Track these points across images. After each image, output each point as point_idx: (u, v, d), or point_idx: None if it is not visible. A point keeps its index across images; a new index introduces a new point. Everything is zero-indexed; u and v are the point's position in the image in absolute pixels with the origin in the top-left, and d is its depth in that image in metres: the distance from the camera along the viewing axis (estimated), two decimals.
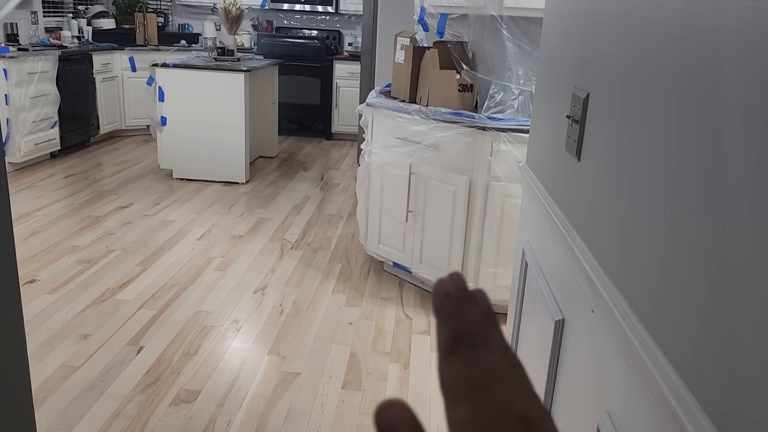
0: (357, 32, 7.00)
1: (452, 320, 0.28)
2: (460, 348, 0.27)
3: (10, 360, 1.26)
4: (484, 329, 0.29)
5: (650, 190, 0.78)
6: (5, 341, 1.24)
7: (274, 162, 5.65)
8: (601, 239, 0.98)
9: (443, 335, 0.28)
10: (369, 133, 3.15)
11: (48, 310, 2.71)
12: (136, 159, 5.46)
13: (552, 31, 1.48)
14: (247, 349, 2.50)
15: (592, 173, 1.04)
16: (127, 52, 6.11)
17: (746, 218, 0.56)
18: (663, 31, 0.77)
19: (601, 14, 1.06)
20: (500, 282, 2.77)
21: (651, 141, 0.79)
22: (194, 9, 7.04)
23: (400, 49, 3.12)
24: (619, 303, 0.85)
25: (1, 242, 1.18)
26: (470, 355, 0.27)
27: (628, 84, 0.89)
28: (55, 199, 4.22)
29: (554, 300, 1.25)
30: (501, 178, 2.64)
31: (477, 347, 0.27)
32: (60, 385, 2.19)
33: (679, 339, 0.68)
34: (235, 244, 3.59)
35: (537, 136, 1.56)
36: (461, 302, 0.30)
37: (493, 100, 2.78)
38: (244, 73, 4.61)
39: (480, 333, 0.28)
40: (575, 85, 1.19)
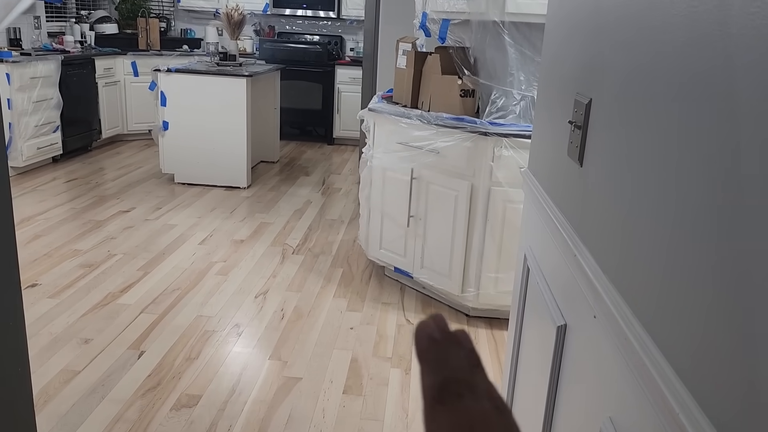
0: (359, 37, 7.02)
1: (437, 367, 0.27)
2: (446, 397, 0.26)
3: (12, 364, 1.26)
4: (469, 374, 0.28)
5: (652, 195, 0.78)
6: (7, 346, 1.24)
7: (276, 167, 5.66)
8: (603, 244, 0.98)
9: (428, 383, 0.27)
10: (371, 138, 3.16)
11: (49, 314, 2.71)
12: (137, 163, 5.46)
13: (554, 37, 1.48)
14: (248, 353, 2.50)
15: (594, 179, 1.04)
16: (129, 56, 6.13)
17: (748, 223, 0.56)
18: (665, 37, 0.78)
19: (603, 20, 1.06)
20: (502, 287, 2.77)
21: (653, 147, 0.79)
22: (197, 14, 7.06)
23: (401, 54, 3.12)
24: (621, 308, 0.85)
25: (3, 247, 1.19)
26: (456, 405, 0.26)
27: (631, 90, 0.89)
28: (56, 203, 4.22)
29: (556, 305, 1.25)
30: (502, 183, 2.65)
31: (463, 395, 0.26)
32: (61, 389, 2.18)
33: (681, 344, 0.68)
34: (236, 249, 3.59)
35: (539, 141, 1.57)
36: (445, 345, 0.29)
37: (495, 105, 2.78)
38: (246, 78, 4.63)
39: (465, 379, 0.28)
40: (577, 90, 1.19)
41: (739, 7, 0.60)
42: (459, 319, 2.89)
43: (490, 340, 2.72)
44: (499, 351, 2.63)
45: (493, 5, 2.65)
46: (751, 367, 0.54)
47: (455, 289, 2.85)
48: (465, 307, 2.93)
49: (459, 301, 2.90)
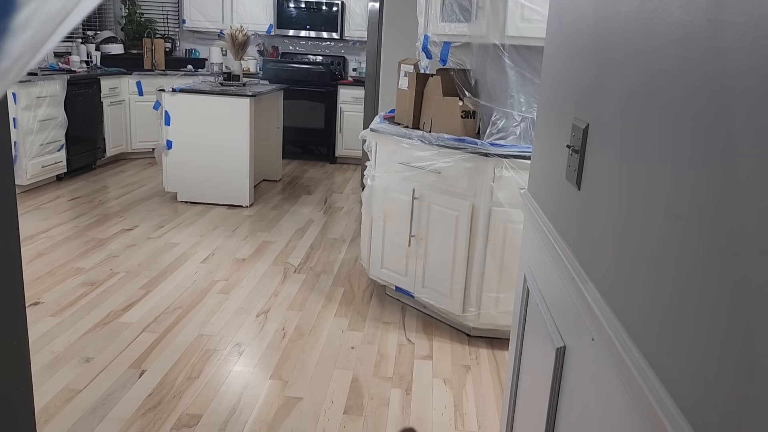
0: (361, 58, 7.09)
1: None
2: None
3: (15, 383, 1.27)
4: None
5: (648, 220, 0.80)
6: (10, 365, 1.25)
7: (278, 185, 5.69)
8: (600, 268, 0.99)
9: None
10: (373, 157, 3.18)
11: (51, 332, 2.71)
12: (141, 182, 5.50)
13: (552, 61, 1.51)
14: (249, 373, 2.50)
15: (592, 202, 1.06)
16: (134, 76, 6.20)
17: (747, 248, 0.57)
18: (661, 64, 0.80)
19: (599, 46, 1.08)
20: (502, 307, 2.77)
21: (649, 172, 0.81)
22: (201, 35, 7.15)
23: (403, 75, 3.16)
24: (618, 332, 0.86)
25: (9, 267, 1.20)
26: None
27: (627, 115, 0.91)
28: (60, 221, 4.25)
29: (555, 327, 1.26)
30: (503, 203, 2.66)
31: None
32: (62, 408, 2.18)
33: (678, 368, 0.69)
34: (238, 268, 3.60)
35: (538, 164, 1.59)
36: None
37: (496, 126, 2.81)
38: (249, 98, 4.67)
39: None
40: (575, 115, 1.21)
41: (732, 34, 0.62)
42: (460, 339, 2.89)
43: (491, 360, 2.72)
44: (500, 371, 2.63)
45: (494, 29, 2.69)
46: (749, 394, 0.56)
47: (456, 308, 2.86)
48: (466, 326, 2.94)
49: (460, 320, 2.91)
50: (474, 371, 2.63)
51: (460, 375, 2.59)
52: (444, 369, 2.63)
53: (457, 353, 2.77)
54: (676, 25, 0.73)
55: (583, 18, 1.21)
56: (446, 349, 2.80)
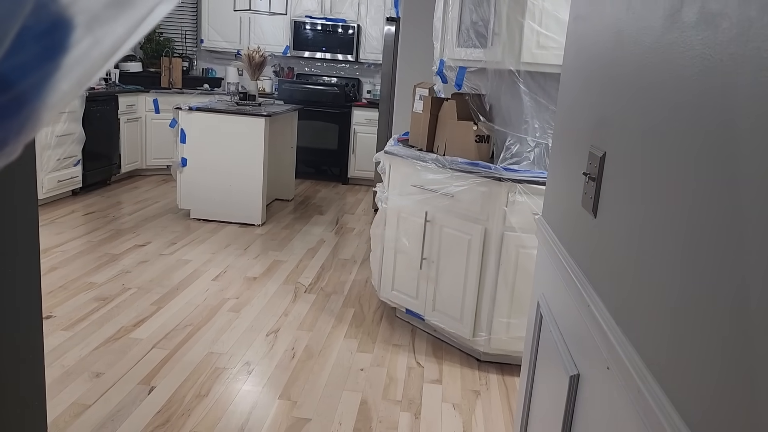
0: (376, 80, 7.16)
1: None
2: None
3: (29, 398, 1.28)
4: None
5: (665, 250, 0.80)
6: (25, 379, 1.26)
7: (290, 205, 5.72)
8: (616, 296, 0.99)
9: None
10: (386, 179, 3.20)
11: (63, 346, 2.73)
12: (154, 198, 5.55)
13: (569, 89, 1.52)
14: (258, 392, 2.49)
15: (608, 231, 1.06)
16: (151, 94, 6.29)
17: (765, 280, 0.57)
18: (678, 96, 0.81)
19: (619, 75, 1.09)
20: (513, 332, 2.76)
21: (666, 202, 0.81)
22: (218, 54, 7.26)
23: (418, 99, 3.19)
24: (634, 361, 0.86)
25: (29, 283, 1.22)
26: None
27: (646, 146, 0.92)
28: (74, 235, 4.29)
29: (569, 354, 1.25)
30: (516, 228, 2.66)
31: None
32: (71, 422, 2.19)
33: (695, 398, 0.68)
34: (249, 286, 3.61)
35: (553, 190, 1.59)
36: None
37: (510, 151, 2.82)
38: (264, 118, 4.73)
39: None
40: (592, 143, 1.22)
41: (750, 66, 0.62)
42: (470, 364, 2.87)
43: (501, 386, 2.70)
44: (510, 397, 2.61)
45: (509, 55, 2.72)
46: (764, 427, 0.55)
47: (466, 333, 2.85)
48: (476, 351, 2.92)
49: (470, 345, 2.89)
50: (484, 397, 2.60)
51: (469, 400, 2.57)
52: (453, 393, 2.61)
53: (466, 378, 2.75)
54: (697, 58, 0.74)
55: (602, 47, 1.22)
56: (456, 373, 2.78)
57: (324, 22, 6.79)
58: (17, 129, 0.26)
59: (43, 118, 0.28)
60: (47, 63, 0.26)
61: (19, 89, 0.26)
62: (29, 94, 0.26)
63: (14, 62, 0.26)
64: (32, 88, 0.26)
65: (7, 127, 0.26)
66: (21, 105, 0.26)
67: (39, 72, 0.26)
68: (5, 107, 0.26)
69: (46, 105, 0.27)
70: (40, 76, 0.26)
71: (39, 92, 0.26)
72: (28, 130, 0.26)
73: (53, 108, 0.28)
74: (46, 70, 0.26)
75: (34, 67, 0.26)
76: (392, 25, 5.43)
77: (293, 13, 6.82)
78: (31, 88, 0.26)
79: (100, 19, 0.27)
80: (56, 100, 0.28)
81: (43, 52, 0.26)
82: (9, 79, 0.26)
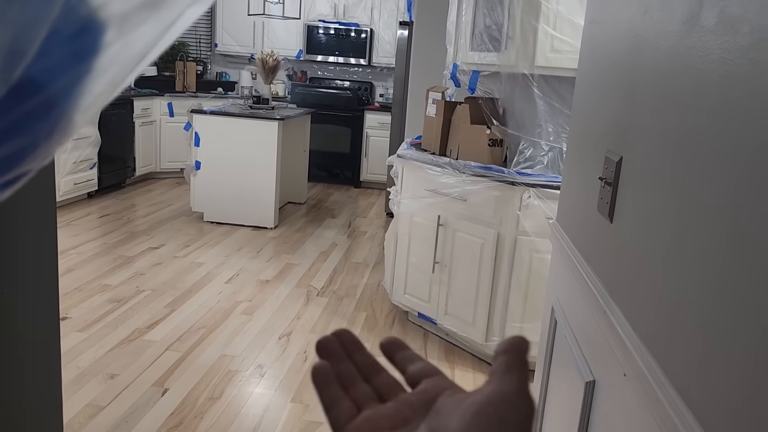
0: (388, 84, 7.17)
1: None
2: None
3: (46, 399, 1.29)
4: None
5: (684, 257, 0.80)
6: (42, 380, 1.27)
7: (303, 208, 5.74)
8: (634, 302, 0.98)
9: None
10: (399, 183, 3.20)
11: (77, 348, 2.75)
12: (168, 201, 5.59)
13: (584, 93, 1.51)
14: (270, 395, 2.50)
15: (625, 236, 1.06)
16: (166, 97, 6.34)
17: None
18: (700, 102, 0.80)
19: (636, 80, 1.09)
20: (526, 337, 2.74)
21: (686, 207, 0.81)
22: (232, 58, 7.30)
23: (431, 103, 3.19)
24: (653, 368, 0.85)
25: (47, 285, 1.23)
26: None
27: (664, 150, 0.91)
28: (89, 238, 4.33)
29: (584, 360, 1.24)
30: (529, 232, 2.65)
31: None
32: (86, 424, 2.20)
33: (717, 408, 0.68)
34: (261, 289, 3.63)
35: (568, 195, 1.58)
36: None
37: (523, 155, 2.81)
38: (277, 122, 4.75)
39: None
40: (608, 147, 1.21)
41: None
42: (482, 368, 2.86)
43: None
44: None
45: (523, 59, 2.71)
46: None
47: (479, 337, 2.83)
48: (488, 356, 2.91)
49: (482, 349, 2.88)
50: None
51: None
52: None
53: (479, 382, 2.72)
54: (716, 62, 0.73)
55: (618, 51, 1.22)
56: (468, 378, 2.77)
57: (337, 26, 6.81)
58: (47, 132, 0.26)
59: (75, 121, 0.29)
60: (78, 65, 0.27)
61: (48, 92, 0.26)
62: (59, 97, 0.26)
63: (43, 65, 0.26)
64: (62, 90, 0.26)
65: (37, 131, 0.26)
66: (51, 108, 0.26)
67: (69, 75, 0.26)
68: (35, 111, 0.26)
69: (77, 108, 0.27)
70: (70, 78, 0.26)
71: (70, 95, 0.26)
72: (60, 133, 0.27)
73: (86, 111, 0.28)
74: (77, 73, 0.26)
75: (64, 69, 0.26)
76: (405, 29, 5.44)
77: (307, 17, 6.85)
78: (61, 91, 0.26)
79: (131, 21, 0.27)
80: (89, 103, 0.28)
81: (74, 54, 0.26)
82: (38, 82, 0.26)
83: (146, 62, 0.31)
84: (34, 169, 0.28)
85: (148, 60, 0.31)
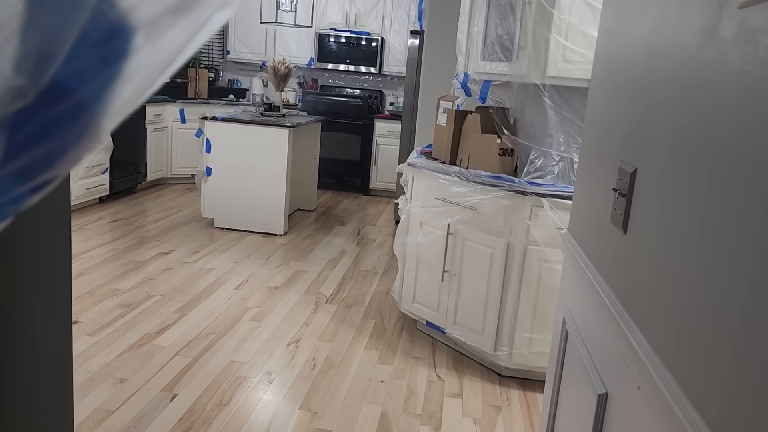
0: (398, 93, 7.19)
1: None
2: None
3: (57, 403, 1.29)
4: None
5: (702, 269, 0.79)
6: (54, 383, 1.28)
7: (312, 215, 5.75)
8: (648, 314, 0.97)
9: None
10: (409, 191, 3.20)
11: (87, 352, 2.76)
12: (179, 206, 5.61)
13: (597, 104, 1.51)
14: (278, 402, 2.49)
15: (639, 248, 1.05)
16: (178, 104, 6.38)
17: None
18: (717, 114, 0.79)
19: (651, 91, 1.08)
20: (535, 348, 2.73)
21: (702, 219, 0.80)
22: (244, 66, 7.35)
23: (442, 112, 3.19)
24: (667, 381, 0.84)
25: (61, 289, 1.24)
26: None
27: (679, 163, 0.91)
28: (101, 242, 4.35)
29: (597, 372, 1.23)
30: (539, 242, 2.64)
31: None
32: (95, 428, 2.21)
33: (733, 423, 0.67)
34: (270, 295, 3.63)
35: (580, 205, 1.58)
36: None
37: (534, 165, 2.81)
38: (288, 129, 4.77)
39: None
40: (622, 158, 1.21)
41: None
42: (491, 378, 2.84)
43: (523, 402, 2.66)
44: (531, 414, 2.57)
45: (535, 69, 2.71)
46: None
47: (488, 347, 2.82)
48: (497, 366, 2.89)
49: (491, 359, 2.86)
50: (505, 412, 2.57)
51: (490, 415, 2.54)
52: (474, 408, 2.58)
53: (487, 393, 2.72)
54: (736, 74, 0.73)
55: (633, 62, 1.21)
56: (477, 387, 2.76)
57: (348, 35, 6.84)
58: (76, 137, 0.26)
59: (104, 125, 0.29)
60: (107, 69, 0.27)
61: (77, 96, 0.27)
62: (88, 102, 0.27)
63: (72, 69, 0.26)
64: (92, 95, 0.27)
65: (65, 135, 0.26)
66: (80, 112, 0.26)
67: (98, 78, 0.27)
68: (64, 115, 0.26)
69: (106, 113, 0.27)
70: (99, 82, 0.27)
71: (98, 99, 0.27)
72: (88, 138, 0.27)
73: (115, 115, 0.29)
74: (106, 77, 0.27)
75: (93, 73, 0.27)
76: (416, 38, 5.45)
77: (318, 25, 6.89)
78: (90, 95, 0.27)
79: (160, 25, 0.27)
80: (118, 108, 0.28)
81: (103, 58, 0.27)
82: (67, 86, 0.27)
83: (174, 67, 0.31)
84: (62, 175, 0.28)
85: (175, 65, 0.31)
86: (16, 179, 0.25)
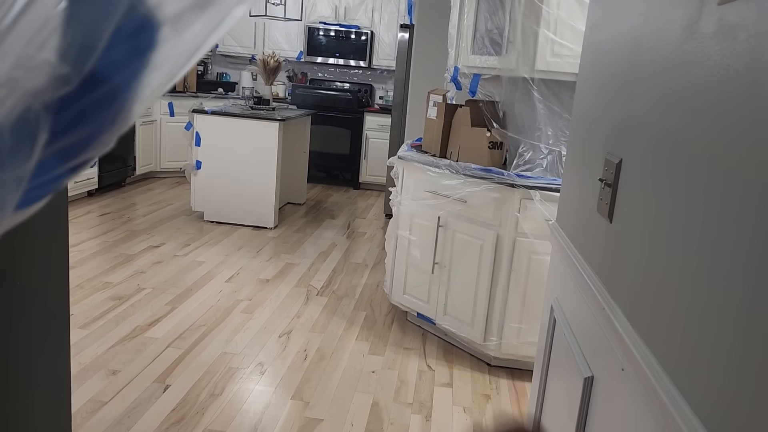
0: (388, 86, 7.21)
1: None
2: None
3: (56, 394, 1.31)
4: None
5: (681, 255, 0.83)
6: (54, 373, 1.30)
7: (302, 209, 5.76)
8: (632, 299, 1.01)
9: None
10: (399, 184, 3.23)
11: (79, 344, 2.77)
12: (168, 200, 5.61)
13: (585, 97, 1.55)
14: (270, 392, 2.52)
15: (624, 235, 1.09)
16: (166, 97, 6.36)
17: None
18: (697, 105, 0.83)
19: (636, 84, 1.12)
20: (524, 338, 2.77)
21: (684, 209, 0.84)
22: (233, 59, 7.33)
23: (432, 105, 3.22)
24: (650, 362, 0.88)
25: (58, 282, 1.26)
26: None
27: (663, 152, 0.95)
28: (90, 236, 4.35)
29: (583, 357, 1.27)
30: (528, 234, 2.68)
31: None
32: (88, 419, 2.23)
33: (712, 400, 0.71)
34: (261, 288, 3.65)
35: (568, 196, 1.62)
36: None
37: (523, 158, 2.85)
38: (278, 122, 4.77)
39: None
40: (608, 150, 1.25)
41: (767, 76, 0.65)
42: (480, 368, 2.89)
43: (512, 391, 2.71)
44: (520, 401, 2.62)
45: (524, 63, 2.75)
46: None
47: (477, 337, 2.86)
48: (486, 356, 2.93)
49: (481, 349, 2.91)
50: (494, 401, 2.62)
51: (480, 404, 2.59)
52: (464, 397, 2.63)
53: (477, 382, 2.76)
54: (714, 68, 0.76)
55: (619, 56, 1.25)
56: (466, 377, 2.80)
57: (338, 29, 6.84)
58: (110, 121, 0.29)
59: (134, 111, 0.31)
60: (137, 59, 0.29)
61: (112, 84, 0.29)
62: (122, 88, 0.29)
63: (109, 59, 0.29)
64: (124, 82, 0.29)
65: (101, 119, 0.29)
66: (114, 98, 0.29)
67: (130, 67, 0.29)
68: (101, 101, 0.29)
69: (136, 99, 0.30)
70: (131, 71, 0.29)
71: (130, 86, 0.29)
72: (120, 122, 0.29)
73: (144, 102, 0.31)
74: (137, 66, 0.29)
75: (125, 63, 0.29)
76: (406, 32, 5.47)
77: (308, 19, 6.88)
78: (123, 82, 0.29)
79: (184, 19, 0.30)
80: (147, 95, 0.31)
81: (134, 49, 0.29)
82: (104, 74, 0.29)
83: (196, 58, 0.34)
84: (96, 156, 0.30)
85: (198, 56, 0.34)
86: (59, 159, 0.27)
